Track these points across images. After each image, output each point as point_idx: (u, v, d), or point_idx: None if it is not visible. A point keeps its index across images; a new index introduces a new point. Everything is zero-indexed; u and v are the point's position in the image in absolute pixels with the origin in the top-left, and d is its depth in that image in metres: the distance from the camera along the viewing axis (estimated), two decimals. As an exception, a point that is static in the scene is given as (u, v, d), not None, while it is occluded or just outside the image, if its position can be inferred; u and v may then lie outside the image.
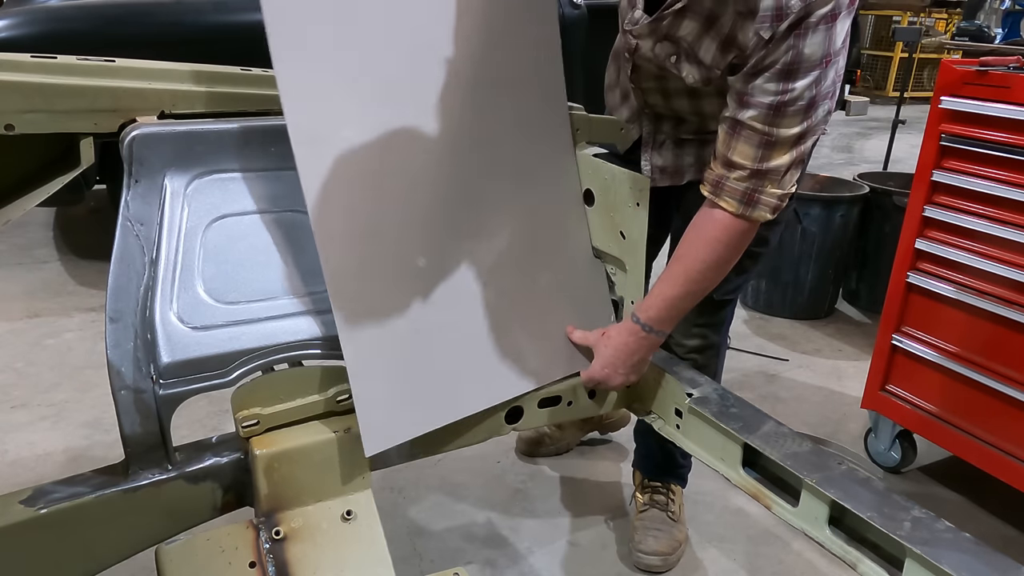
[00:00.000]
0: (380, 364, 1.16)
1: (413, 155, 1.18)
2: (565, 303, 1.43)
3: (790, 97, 1.16)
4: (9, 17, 3.00)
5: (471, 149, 1.25)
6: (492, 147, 1.29)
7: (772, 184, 1.22)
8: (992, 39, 8.24)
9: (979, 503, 2.10)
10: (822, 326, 3.22)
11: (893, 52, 9.34)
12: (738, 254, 1.30)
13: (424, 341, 1.22)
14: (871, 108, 7.39)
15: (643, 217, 1.36)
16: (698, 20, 1.24)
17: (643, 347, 1.37)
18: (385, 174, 1.15)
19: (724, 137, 1.24)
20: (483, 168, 1.28)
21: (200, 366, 1.08)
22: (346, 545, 1.11)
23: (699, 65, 1.29)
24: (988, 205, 1.87)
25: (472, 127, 1.25)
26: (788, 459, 1.18)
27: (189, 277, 1.10)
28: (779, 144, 1.20)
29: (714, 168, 1.26)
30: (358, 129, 1.12)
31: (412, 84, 1.17)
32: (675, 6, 1.25)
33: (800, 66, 1.14)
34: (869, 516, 1.06)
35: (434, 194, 1.22)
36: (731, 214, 1.25)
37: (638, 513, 1.86)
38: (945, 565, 0.96)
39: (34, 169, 1.22)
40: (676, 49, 1.31)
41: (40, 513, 1.01)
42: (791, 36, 1.13)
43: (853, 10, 1.18)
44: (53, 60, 1.11)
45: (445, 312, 1.25)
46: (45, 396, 2.47)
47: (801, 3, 1.11)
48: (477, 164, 1.27)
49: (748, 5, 1.15)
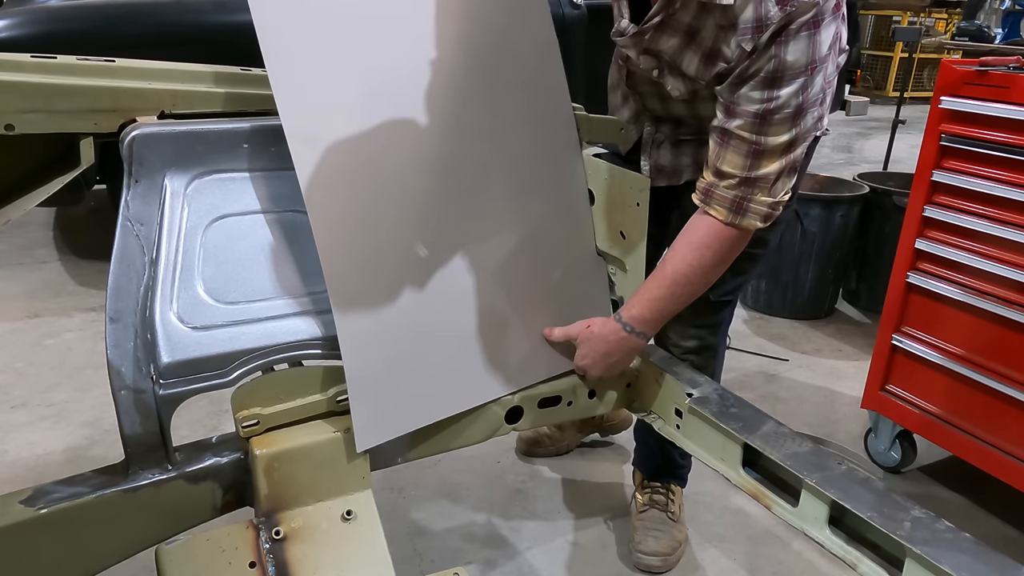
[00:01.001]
0: (376, 358, 1.17)
1: (411, 151, 1.18)
2: (566, 301, 1.43)
3: (776, 105, 1.16)
4: (9, 17, 3.00)
5: (471, 146, 1.25)
6: (493, 144, 1.29)
7: (762, 192, 1.22)
8: (992, 39, 8.24)
9: (979, 503, 2.10)
10: (822, 326, 3.22)
11: (893, 52, 9.33)
12: (726, 262, 1.30)
13: (421, 336, 1.23)
14: (871, 108, 7.38)
15: (643, 217, 1.36)
16: (678, 35, 1.24)
17: (621, 348, 1.36)
18: (383, 170, 1.16)
19: (713, 146, 1.24)
20: (484, 165, 1.28)
21: (200, 366, 1.08)
22: (346, 545, 1.11)
23: (683, 78, 1.29)
24: (988, 205, 1.87)
25: (472, 124, 1.25)
26: (788, 459, 1.18)
27: (189, 277, 1.10)
28: (767, 152, 1.19)
29: (705, 176, 1.26)
30: (355, 125, 1.12)
31: (410, 81, 1.17)
32: (653, 20, 1.24)
33: (784, 74, 1.14)
34: (869, 516, 1.06)
35: (433, 190, 1.22)
36: (720, 222, 1.25)
37: (638, 513, 1.86)
38: (945, 565, 0.96)
39: (34, 169, 1.22)
40: (659, 63, 1.31)
41: (40, 513, 1.01)
42: (773, 45, 1.12)
43: (839, 15, 1.17)
44: (53, 60, 1.11)
45: (443, 308, 1.25)
46: (45, 396, 2.47)
47: (781, 12, 1.10)
48: (478, 161, 1.27)
49: (728, 18, 1.15)
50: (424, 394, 1.24)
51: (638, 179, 1.36)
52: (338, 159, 1.10)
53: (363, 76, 1.13)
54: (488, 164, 1.29)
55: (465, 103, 1.23)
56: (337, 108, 1.11)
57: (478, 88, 1.25)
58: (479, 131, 1.26)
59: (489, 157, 1.28)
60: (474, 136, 1.26)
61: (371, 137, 1.14)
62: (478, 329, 1.30)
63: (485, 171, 1.28)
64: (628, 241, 1.41)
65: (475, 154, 1.26)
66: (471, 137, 1.25)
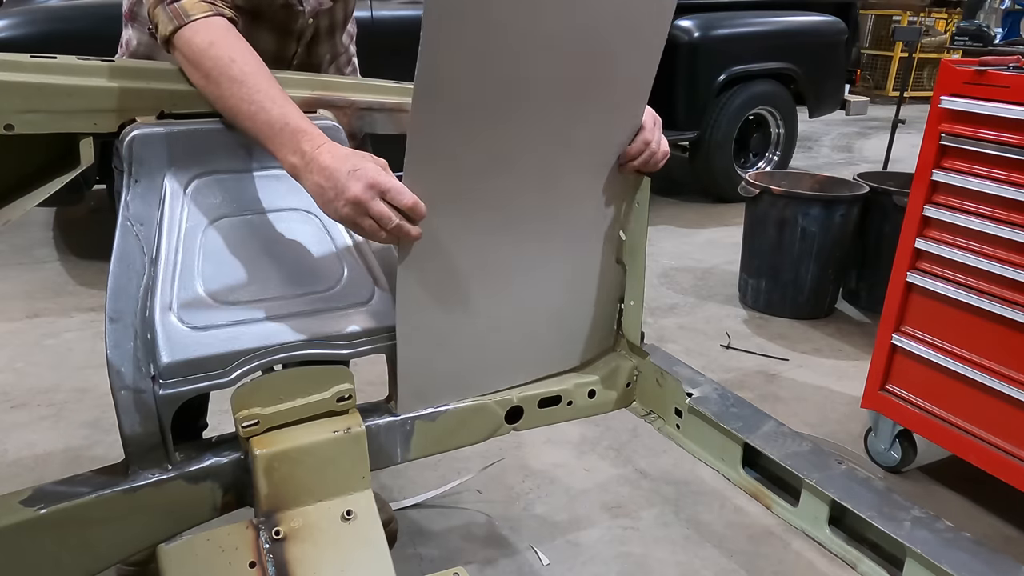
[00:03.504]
0: (425, 331, 1.22)
1: (496, 151, 1.17)
2: (587, 300, 1.43)
3: None
4: (9, 17, 3.00)
5: (548, 152, 1.23)
6: (567, 154, 1.26)
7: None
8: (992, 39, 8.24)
9: (979, 503, 2.10)
10: (822, 326, 3.22)
11: (893, 52, 9.34)
12: None
13: (469, 317, 1.27)
14: (871, 108, 7.38)
15: (643, 217, 1.36)
16: None
17: None
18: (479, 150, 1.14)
19: None
20: (556, 176, 1.27)
21: (200, 366, 1.08)
22: (346, 545, 1.11)
23: None
24: (988, 205, 1.87)
25: (557, 134, 1.22)
26: (788, 459, 1.18)
27: (189, 277, 1.10)
28: None
29: None
30: (474, 92, 1.08)
31: (520, 83, 1.13)
32: None
33: None
34: (869, 516, 1.06)
35: (514, 179, 1.22)
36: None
37: None
38: (945, 565, 0.97)
39: (34, 169, 1.22)
40: None
41: (40, 513, 1.01)
42: None
43: None
44: (53, 60, 1.11)
45: (485, 300, 1.28)
46: (45, 396, 2.47)
47: None
48: (557, 163, 1.26)
49: None
50: (460, 373, 1.29)
51: (639, 179, 1.36)
52: (449, 117, 1.07)
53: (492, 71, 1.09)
54: (558, 175, 1.27)
55: (558, 110, 1.20)
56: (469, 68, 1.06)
57: (573, 97, 1.21)
58: (563, 141, 1.24)
59: (560, 165, 1.27)
60: (555, 143, 1.23)
61: (492, 117, 1.11)
62: (512, 321, 1.33)
63: (556, 183, 1.28)
64: (628, 241, 1.41)
65: (550, 161, 1.25)
66: (549, 144, 1.23)
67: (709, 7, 4.69)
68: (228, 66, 1.09)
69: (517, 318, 1.34)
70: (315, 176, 1.03)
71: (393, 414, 1.26)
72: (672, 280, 3.70)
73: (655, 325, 3.17)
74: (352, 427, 1.16)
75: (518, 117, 1.15)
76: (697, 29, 4.52)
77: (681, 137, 4.64)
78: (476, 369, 1.32)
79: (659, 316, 3.28)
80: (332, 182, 1.02)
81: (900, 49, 9.16)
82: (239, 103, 1.08)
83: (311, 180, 1.04)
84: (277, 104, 1.08)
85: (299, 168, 1.05)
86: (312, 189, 1.04)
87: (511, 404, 1.36)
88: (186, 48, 1.11)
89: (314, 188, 1.04)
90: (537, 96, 1.15)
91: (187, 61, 1.12)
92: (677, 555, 1.87)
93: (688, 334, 3.12)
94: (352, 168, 1.02)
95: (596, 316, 1.45)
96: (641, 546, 1.89)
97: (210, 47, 1.09)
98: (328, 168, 1.02)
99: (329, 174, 1.02)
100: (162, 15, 1.13)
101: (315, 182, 1.03)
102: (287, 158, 1.06)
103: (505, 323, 1.32)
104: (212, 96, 1.11)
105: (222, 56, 1.09)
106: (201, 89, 1.12)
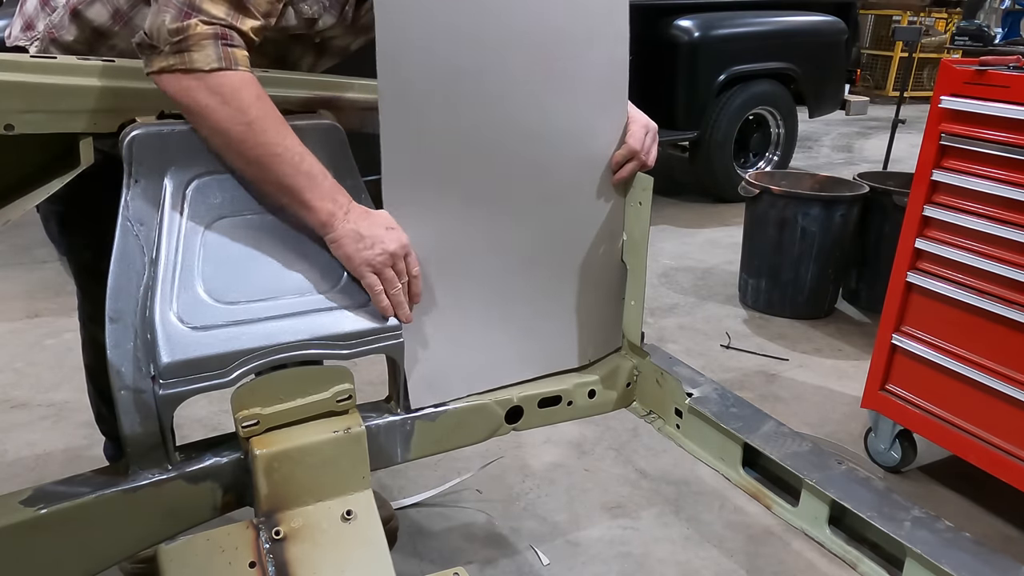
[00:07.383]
0: (432, 328, 1.26)
1: (488, 139, 1.24)
2: (591, 298, 1.44)
3: None
4: (9, 17, 2.99)
5: (539, 144, 1.29)
6: (560, 142, 1.32)
7: None
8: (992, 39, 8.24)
9: (979, 503, 2.10)
10: (822, 326, 3.22)
11: (893, 52, 9.34)
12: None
13: (471, 315, 1.30)
14: (871, 108, 7.38)
15: (644, 217, 1.36)
16: None
17: None
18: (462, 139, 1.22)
19: None
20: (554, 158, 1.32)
21: (200, 366, 1.08)
22: (346, 545, 1.11)
23: None
24: (988, 205, 1.87)
25: (532, 120, 1.28)
26: (788, 459, 1.19)
27: (189, 277, 1.10)
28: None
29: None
30: (445, 91, 1.18)
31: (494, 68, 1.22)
32: None
33: None
34: (869, 516, 1.06)
35: (499, 169, 1.27)
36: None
37: None
38: (945, 565, 0.97)
39: (34, 169, 1.22)
40: None
41: (40, 513, 1.01)
42: None
43: None
44: (53, 60, 1.11)
45: (492, 289, 1.32)
46: (45, 396, 2.47)
47: None
48: (538, 155, 1.31)
49: None
50: (468, 367, 1.32)
51: (640, 179, 1.36)
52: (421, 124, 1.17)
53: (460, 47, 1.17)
54: (542, 167, 1.32)
55: (520, 100, 1.26)
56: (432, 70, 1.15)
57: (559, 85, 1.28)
58: (535, 134, 1.29)
59: (542, 157, 1.31)
60: (528, 134, 1.28)
61: (457, 109, 1.19)
62: (516, 318, 1.35)
63: (543, 175, 1.33)
64: (629, 241, 1.41)
65: (530, 153, 1.30)
66: (523, 134, 1.28)
67: (709, 7, 4.69)
68: (277, 118, 1.11)
69: (523, 312, 1.36)
70: (353, 224, 1.15)
71: (393, 414, 1.26)
72: (672, 280, 3.70)
73: (655, 325, 3.17)
74: (352, 427, 1.16)
75: (481, 106, 1.21)
76: (697, 29, 4.52)
77: (681, 137, 4.64)
78: (485, 362, 1.34)
79: (659, 316, 3.28)
80: (372, 231, 1.15)
81: (900, 49, 9.15)
82: (285, 151, 1.11)
83: (347, 227, 1.15)
84: (317, 160, 1.16)
85: (335, 215, 1.15)
86: (347, 234, 1.15)
87: (511, 404, 1.36)
88: (227, 90, 1.08)
89: (350, 233, 1.15)
90: (495, 87, 1.22)
91: (224, 102, 1.08)
92: (677, 555, 1.87)
93: (688, 334, 3.12)
94: (389, 226, 1.17)
95: (603, 314, 1.45)
96: (641, 546, 1.89)
97: (258, 99, 1.10)
98: (369, 220, 1.16)
99: (369, 225, 1.16)
100: (211, 50, 1.06)
101: (353, 229, 1.15)
102: (324, 205, 1.14)
103: (512, 317, 1.34)
104: (245, 139, 1.09)
105: (270, 110, 1.11)
106: (226, 129, 1.09)
